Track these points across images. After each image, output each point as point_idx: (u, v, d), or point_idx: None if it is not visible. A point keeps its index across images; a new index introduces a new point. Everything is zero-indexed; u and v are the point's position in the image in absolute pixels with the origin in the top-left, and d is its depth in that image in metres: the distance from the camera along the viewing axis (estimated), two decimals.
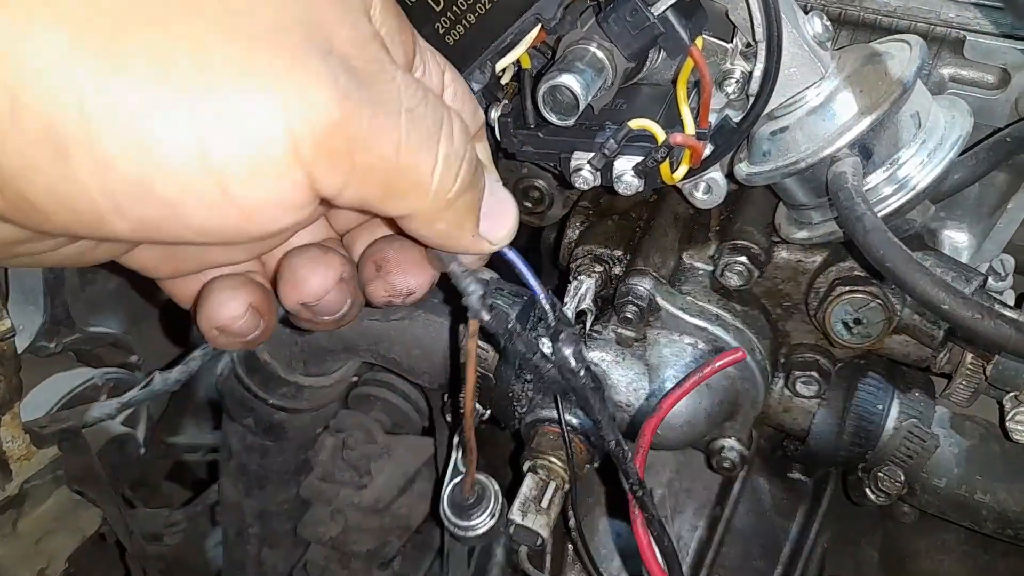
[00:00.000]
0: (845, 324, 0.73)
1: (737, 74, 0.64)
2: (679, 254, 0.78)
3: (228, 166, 0.27)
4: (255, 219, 0.30)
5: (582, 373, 0.44)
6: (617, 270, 0.79)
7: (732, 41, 0.64)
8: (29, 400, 0.98)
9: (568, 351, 0.43)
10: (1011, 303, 0.68)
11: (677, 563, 0.53)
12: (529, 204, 0.96)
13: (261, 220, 0.30)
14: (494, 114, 0.70)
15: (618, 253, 0.79)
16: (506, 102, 0.69)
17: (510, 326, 0.39)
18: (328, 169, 0.29)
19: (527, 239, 1.15)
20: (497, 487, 0.71)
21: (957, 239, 0.78)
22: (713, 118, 0.65)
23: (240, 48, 0.27)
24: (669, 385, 0.73)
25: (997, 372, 0.71)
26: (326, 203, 0.33)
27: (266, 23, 0.28)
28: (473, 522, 0.68)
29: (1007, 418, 0.72)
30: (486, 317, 0.38)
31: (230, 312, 0.43)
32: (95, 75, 0.25)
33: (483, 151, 0.45)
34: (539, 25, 0.59)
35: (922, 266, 0.54)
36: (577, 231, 0.86)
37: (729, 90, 0.64)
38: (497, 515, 0.69)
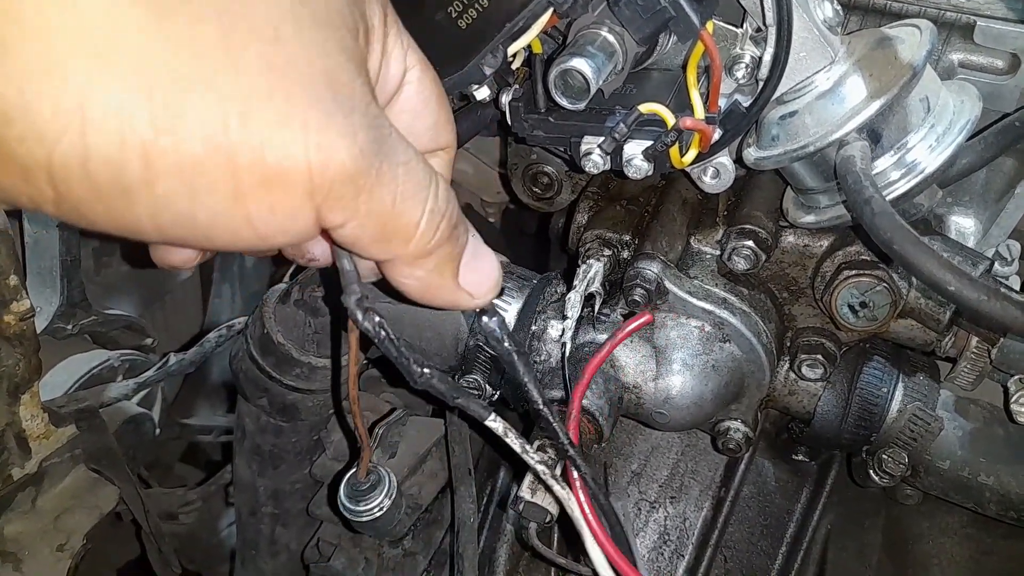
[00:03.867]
0: (851, 307, 0.73)
1: (747, 59, 0.64)
2: (687, 238, 0.79)
3: (256, 201, 0.32)
4: (266, 237, 0.34)
5: (506, 341, 0.48)
6: (625, 254, 0.80)
7: (742, 26, 0.65)
8: (47, 380, 1.00)
9: (492, 322, 0.47)
10: (1017, 288, 0.69)
11: (615, 516, 0.57)
12: (538, 190, 0.97)
13: (266, 234, 0.34)
14: (505, 99, 0.70)
15: (626, 237, 0.80)
16: (517, 87, 0.70)
17: (383, 332, 0.41)
18: (335, 208, 0.34)
19: (536, 224, 1.16)
20: (393, 477, 0.73)
21: (964, 224, 0.78)
22: (723, 103, 0.65)
23: (280, 106, 0.31)
24: (676, 367, 0.75)
25: (1002, 355, 0.71)
26: (325, 235, 0.37)
27: (301, 80, 0.32)
28: (369, 506, 0.72)
29: (1011, 401, 0.72)
30: (359, 317, 0.40)
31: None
32: (158, 128, 0.29)
33: (444, 166, 0.48)
34: (551, 9, 0.59)
35: (929, 248, 0.54)
36: (586, 216, 0.87)
37: (739, 75, 0.64)
38: (393, 496, 0.72)
